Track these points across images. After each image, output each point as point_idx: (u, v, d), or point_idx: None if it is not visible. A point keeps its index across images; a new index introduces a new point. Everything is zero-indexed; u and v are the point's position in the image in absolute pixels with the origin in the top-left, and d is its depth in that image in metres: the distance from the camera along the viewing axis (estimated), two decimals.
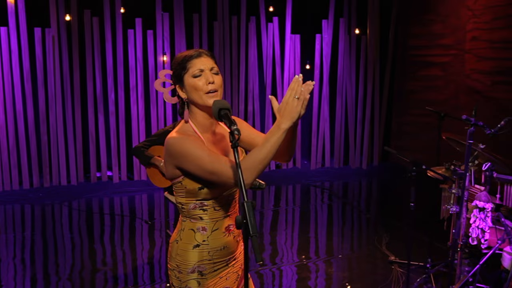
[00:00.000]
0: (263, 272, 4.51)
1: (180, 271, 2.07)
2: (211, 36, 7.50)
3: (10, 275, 4.52)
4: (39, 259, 4.90)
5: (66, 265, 4.71)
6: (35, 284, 4.33)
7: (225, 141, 2.12)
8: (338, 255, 4.90)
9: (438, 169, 3.76)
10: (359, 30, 8.09)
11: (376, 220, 6.15)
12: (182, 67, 2.01)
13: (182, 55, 2.03)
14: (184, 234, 2.08)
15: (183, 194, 2.05)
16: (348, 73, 8.13)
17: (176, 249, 2.08)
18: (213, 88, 1.98)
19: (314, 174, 8.06)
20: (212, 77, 1.99)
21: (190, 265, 2.05)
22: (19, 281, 4.41)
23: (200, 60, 2.00)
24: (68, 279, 4.42)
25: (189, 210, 2.05)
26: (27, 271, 4.60)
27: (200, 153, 1.91)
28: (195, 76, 1.98)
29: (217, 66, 2.05)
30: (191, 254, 2.05)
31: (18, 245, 5.27)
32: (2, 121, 6.62)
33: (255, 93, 7.80)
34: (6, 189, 6.74)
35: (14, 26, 6.57)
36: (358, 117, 8.26)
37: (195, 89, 1.98)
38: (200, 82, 1.98)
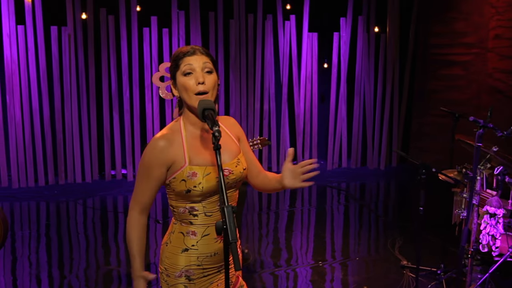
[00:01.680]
0: (278, 274, 4.44)
1: (168, 274, 2.02)
2: (227, 35, 7.45)
3: (25, 272, 4.55)
4: (54, 256, 4.91)
5: (79, 263, 4.72)
6: (45, 281, 4.35)
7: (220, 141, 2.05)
8: (351, 258, 4.79)
9: (450, 172, 3.62)
10: (378, 28, 7.93)
11: (391, 222, 6.01)
12: (175, 64, 1.96)
13: (177, 51, 1.98)
14: (173, 237, 2.03)
15: (172, 197, 2.01)
16: (366, 72, 7.97)
17: (166, 252, 2.05)
18: (203, 89, 1.91)
19: (330, 174, 7.93)
20: (202, 77, 1.91)
21: (177, 269, 2.00)
22: (33, 278, 4.44)
23: (193, 58, 1.93)
24: (77, 277, 4.42)
25: (180, 213, 2.00)
26: (40, 268, 4.63)
27: (143, 169, 2.00)
28: (185, 74, 1.92)
29: (213, 64, 1.97)
30: (179, 258, 2.00)
31: (33, 242, 5.31)
32: (18, 119, 6.69)
33: (271, 92, 7.72)
34: (22, 186, 6.81)
35: (31, 24, 6.63)
36: (376, 117, 8.10)
37: (184, 89, 1.93)
38: (190, 82, 1.92)
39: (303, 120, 7.88)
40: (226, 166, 2.00)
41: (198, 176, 1.91)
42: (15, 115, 6.68)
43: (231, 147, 2.07)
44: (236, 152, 2.07)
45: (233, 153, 2.05)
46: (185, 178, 1.92)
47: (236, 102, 7.58)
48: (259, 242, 5.31)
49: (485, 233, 2.96)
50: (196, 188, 1.91)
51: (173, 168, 1.94)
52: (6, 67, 6.57)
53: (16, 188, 6.79)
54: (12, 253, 4.96)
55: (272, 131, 7.79)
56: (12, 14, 6.52)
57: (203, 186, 1.91)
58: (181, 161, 1.93)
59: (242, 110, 7.63)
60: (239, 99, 7.59)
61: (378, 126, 8.12)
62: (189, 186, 1.92)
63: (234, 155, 2.05)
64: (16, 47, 6.59)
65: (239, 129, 2.18)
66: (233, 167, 2.02)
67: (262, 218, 6.19)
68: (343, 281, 4.32)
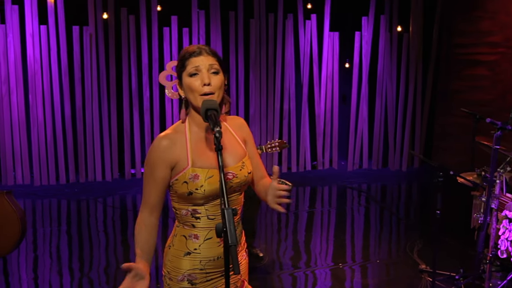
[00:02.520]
0: (297, 275, 4.40)
1: (171, 278, 1.99)
2: (247, 34, 7.42)
3: (46, 269, 4.60)
4: (74, 253, 4.95)
5: (99, 261, 4.75)
6: (66, 277, 4.39)
7: (224, 143, 2.01)
8: (370, 260, 4.71)
9: (469, 175, 3.51)
10: (401, 27, 7.79)
11: (411, 225, 5.89)
12: (181, 65, 1.93)
13: (183, 51, 1.95)
14: (176, 240, 2.00)
15: (175, 199, 1.98)
16: (388, 72, 7.85)
17: (169, 255, 2.02)
18: (209, 90, 1.88)
19: (351, 175, 7.84)
20: (208, 78, 1.88)
21: (180, 273, 1.97)
22: (53, 274, 4.49)
23: (199, 59, 1.89)
24: (98, 274, 4.44)
25: (182, 216, 1.97)
26: (61, 265, 4.67)
27: (148, 168, 1.95)
28: (191, 75, 1.89)
29: (219, 64, 1.94)
30: (182, 262, 1.97)
31: (54, 239, 5.37)
32: (40, 118, 6.79)
33: (291, 92, 7.67)
34: (43, 184, 6.91)
35: (54, 24, 6.72)
36: (398, 117, 7.97)
37: (190, 90, 1.90)
38: (196, 83, 1.88)
39: (324, 120, 7.80)
40: (230, 169, 1.96)
41: (200, 179, 1.88)
42: (38, 114, 6.78)
43: (236, 149, 2.02)
44: (241, 155, 2.02)
45: (238, 156, 2.01)
46: (187, 180, 1.89)
47: (256, 102, 7.55)
48: (278, 243, 5.26)
49: (504, 239, 2.86)
50: (198, 190, 1.88)
51: (176, 169, 1.91)
52: (29, 67, 6.67)
53: (38, 186, 6.89)
54: (34, 250, 5.02)
55: (292, 131, 7.74)
56: (35, 14, 6.62)
57: (205, 189, 1.88)
58: (184, 163, 1.90)
59: (262, 110, 7.59)
60: (259, 99, 7.55)
61: (400, 126, 7.99)
62: (191, 188, 1.89)
63: (239, 158, 2.01)
64: (39, 47, 6.69)
65: (247, 131, 2.13)
66: (237, 170, 1.98)
67: (282, 219, 6.14)
68: (361, 283, 4.25)
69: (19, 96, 6.70)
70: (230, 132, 2.05)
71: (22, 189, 6.77)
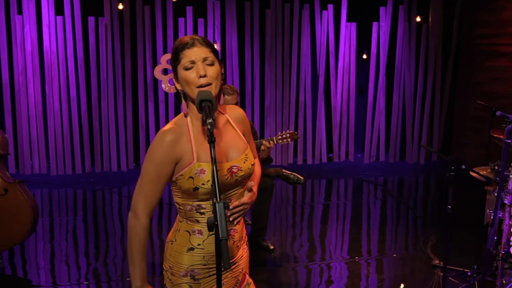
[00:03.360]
0: (312, 267, 4.36)
1: (173, 273, 1.97)
2: (263, 25, 7.36)
3: (62, 257, 4.64)
4: (90, 243, 5.00)
5: (116, 251, 4.78)
6: (80, 266, 4.42)
7: (226, 136, 1.97)
8: (384, 255, 4.64)
9: (483, 169, 3.41)
10: (420, 17, 7.63)
11: (427, 220, 5.79)
12: (175, 58, 1.89)
13: (176, 43, 1.91)
14: (179, 235, 1.97)
15: (179, 194, 1.94)
16: (407, 63, 7.71)
17: (171, 250, 1.98)
18: (206, 82, 1.84)
19: (367, 168, 7.75)
20: (203, 70, 1.84)
21: (182, 268, 1.94)
22: (70, 263, 4.53)
23: (192, 51, 1.85)
24: (102, 264, 4.48)
25: (186, 211, 1.94)
26: (77, 253, 4.71)
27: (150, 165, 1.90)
28: (186, 68, 1.85)
29: (214, 54, 1.89)
30: (184, 257, 1.93)
31: (70, 228, 5.43)
32: (57, 108, 6.85)
33: (307, 84, 7.59)
34: (60, 174, 6.98)
35: (69, 15, 6.75)
36: (416, 110, 7.83)
37: (186, 83, 1.86)
38: (191, 75, 1.84)
39: (340, 113, 7.70)
40: (235, 163, 1.92)
41: (207, 173, 1.84)
42: (54, 105, 6.83)
43: (238, 142, 1.99)
44: (244, 148, 1.99)
45: (240, 149, 1.97)
46: (192, 175, 1.85)
47: (272, 93, 7.49)
48: (292, 236, 5.23)
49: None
50: (204, 185, 1.84)
51: (180, 165, 1.87)
52: (46, 58, 6.72)
53: (54, 175, 6.96)
54: (50, 239, 5.07)
55: (307, 124, 7.67)
56: (52, 5, 6.66)
57: (211, 184, 1.84)
58: (189, 158, 1.86)
59: (277, 102, 7.53)
60: (275, 90, 7.50)
61: (418, 119, 7.85)
62: (196, 183, 1.85)
63: (242, 151, 1.97)
64: (55, 38, 6.73)
65: (246, 123, 2.09)
66: (241, 163, 1.94)
67: (297, 211, 6.10)
68: (376, 278, 4.19)
69: (35, 86, 6.76)
70: (231, 125, 2.01)
71: (39, 179, 6.86)
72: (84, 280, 4.13)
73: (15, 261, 4.50)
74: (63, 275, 4.25)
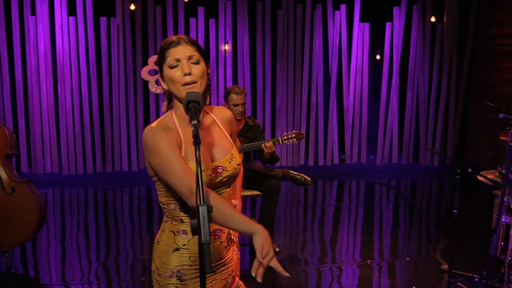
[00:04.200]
0: (323, 270, 4.31)
1: (160, 274, 1.94)
2: (275, 25, 7.32)
3: (74, 256, 4.66)
4: (101, 242, 4.99)
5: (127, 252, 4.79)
6: (91, 264, 4.43)
7: (211, 136, 1.95)
8: (395, 258, 4.56)
9: (491, 173, 3.33)
10: (435, 17, 7.52)
11: (439, 223, 5.69)
12: (161, 57, 1.87)
13: (163, 43, 1.90)
14: (164, 236, 1.95)
15: (162, 193, 1.92)
16: (420, 64, 7.60)
17: (157, 251, 1.96)
18: (190, 79, 1.82)
19: (379, 170, 7.66)
20: (188, 68, 1.82)
21: (169, 269, 1.91)
22: (83, 262, 4.54)
23: (177, 49, 1.83)
24: (113, 264, 4.48)
25: (170, 210, 1.91)
26: (89, 252, 4.73)
27: (165, 151, 1.77)
28: (171, 67, 1.83)
29: (200, 53, 1.87)
30: (170, 258, 1.91)
31: (82, 227, 5.44)
32: (69, 108, 6.90)
33: (319, 85, 7.53)
34: (71, 173, 7.03)
35: (82, 15, 6.80)
36: (430, 111, 7.72)
37: (172, 81, 1.84)
38: (176, 74, 1.83)
39: (352, 113, 7.63)
40: (220, 163, 1.89)
41: None
42: (66, 104, 6.89)
43: (224, 142, 1.96)
44: (229, 148, 1.96)
45: (226, 149, 1.94)
46: None
47: (283, 94, 7.45)
48: (303, 237, 5.17)
49: None
50: None
51: None
52: (58, 58, 6.78)
53: (66, 174, 7.02)
54: (62, 239, 5.08)
55: (319, 124, 7.61)
56: (65, 6, 6.72)
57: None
58: None
59: (289, 102, 7.49)
60: (286, 91, 7.46)
61: (432, 120, 7.73)
62: None
63: (227, 151, 1.95)
64: (68, 38, 6.79)
65: (234, 124, 2.07)
66: (226, 163, 1.91)
67: (308, 213, 6.05)
68: (388, 282, 4.12)
69: (48, 86, 6.83)
70: (217, 125, 1.98)
71: (51, 178, 6.92)
72: (95, 279, 4.13)
73: (26, 260, 4.52)
74: (74, 274, 4.26)
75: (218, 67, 7.22)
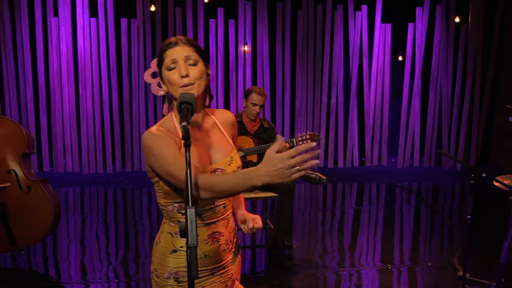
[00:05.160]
0: (342, 274, 4.25)
1: (157, 275, 1.94)
2: (295, 26, 7.28)
3: (95, 255, 4.71)
4: (120, 240, 5.04)
5: (144, 251, 4.81)
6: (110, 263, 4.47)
7: (211, 138, 1.93)
8: (415, 263, 4.47)
9: (508, 178, 3.22)
10: (459, 17, 7.35)
11: (459, 228, 5.55)
12: (160, 59, 1.86)
13: (162, 44, 1.88)
14: (163, 237, 1.94)
15: (161, 195, 1.91)
16: (444, 65, 7.45)
17: (156, 252, 1.96)
18: (188, 81, 1.79)
19: (400, 173, 7.53)
20: (185, 70, 1.80)
21: (166, 270, 1.91)
22: (103, 260, 4.59)
23: (175, 50, 1.81)
24: (133, 262, 4.50)
25: (168, 212, 1.90)
26: (108, 250, 4.77)
27: (165, 152, 1.75)
28: (169, 68, 1.81)
29: (198, 53, 1.85)
30: (168, 259, 1.90)
31: (101, 226, 5.50)
32: (89, 109, 6.99)
33: (339, 86, 7.45)
34: (91, 172, 7.12)
35: (103, 17, 6.87)
36: (454, 113, 7.55)
37: (170, 83, 1.82)
38: (174, 76, 1.81)
39: (373, 115, 7.52)
40: (218, 165, 1.87)
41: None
42: (87, 105, 6.98)
43: (224, 145, 1.93)
44: (229, 150, 1.94)
45: (225, 152, 1.92)
46: None
47: (303, 95, 7.40)
48: (322, 240, 5.11)
49: None
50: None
51: None
52: (80, 59, 6.87)
53: (86, 174, 7.11)
54: (81, 239, 5.12)
55: (339, 126, 7.53)
56: (86, 7, 6.80)
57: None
58: None
59: (308, 104, 7.43)
60: (306, 92, 7.40)
61: (456, 123, 7.57)
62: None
63: (227, 153, 1.92)
64: (89, 39, 6.87)
65: (235, 128, 2.05)
66: (225, 166, 1.89)
67: (327, 216, 5.98)
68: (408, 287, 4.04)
69: (70, 87, 6.93)
70: (218, 127, 1.96)
71: (72, 177, 7.02)
72: (114, 277, 4.15)
73: (46, 258, 4.58)
74: (93, 272, 4.29)
75: (237, 68, 7.21)
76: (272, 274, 4.19)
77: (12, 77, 6.85)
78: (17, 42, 6.82)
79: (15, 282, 4.03)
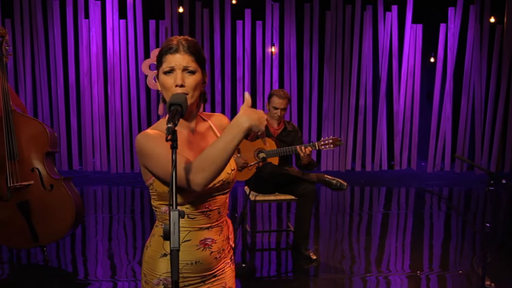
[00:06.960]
0: (368, 279, 4.16)
1: (147, 281, 1.90)
2: (323, 27, 7.20)
3: (123, 254, 4.77)
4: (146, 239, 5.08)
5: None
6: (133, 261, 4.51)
7: (205, 141, 1.91)
8: (441, 270, 4.34)
9: None
10: (494, 18, 7.12)
11: (488, 236, 5.34)
12: (158, 59, 1.84)
13: (163, 43, 1.86)
14: (154, 240, 1.90)
15: (155, 197, 1.89)
16: (477, 67, 7.22)
17: (146, 256, 1.93)
18: (182, 91, 1.77)
19: (430, 177, 7.34)
20: (181, 79, 1.76)
21: (155, 276, 1.86)
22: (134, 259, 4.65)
23: (174, 57, 1.78)
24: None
25: (161, 213, 1.88)
26: (135, 249, 4.82)
27: (159, 151, 1.73)
28: (165, 73, 1.80)
29: (198, 61, 1.81)
30: (158, 264, 1.86)
31: (129, 224, 5.55)
32: (118, 108, 7.09)
33: (368, 88, 7.32)
34: (119, 172, 7.22)
35: (132, 18, 6.97)
36: (487, 117, 7.31)
37: (164, 87, 1.80)
38: (169, 81, 1.78)
39: (403, 118, 7.36)
40: None
41: None
42: (115, 105, 7.08)
43: None
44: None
45: None
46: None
47: (330, 96, 7.31)
48: (349, 244, 5.02)
49: None
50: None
51: None
52: (109, 60, 6.98)
53: (114, 173, 7.21)
54: (109, 239, 5.18)
55: (367, 128, 7.40)
56: (116, 9, 6.91)
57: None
58: None
59: (336, 105, 7.33)
60: (334, 93, 7.31)
61: (489, 127, 7.32)
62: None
63: None
64: (118, 40, 6.98)
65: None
66: None
67: (354, 220, 5.88)
68: None
69: (99, 87, 7.05)
70: (213, 131, 1.93)
71: (100, 176, 7.13)
72: (140, 276, 4.17)
73: (75, 254, 4.65)
74: (121, 270, 4.32)
75: (264, 70, 7.18)
76: (292, 277, 4.15)
77: (44, 78, 7.03)
78: (49, 44, 6.99)
79: (44, 279, 4.11)
